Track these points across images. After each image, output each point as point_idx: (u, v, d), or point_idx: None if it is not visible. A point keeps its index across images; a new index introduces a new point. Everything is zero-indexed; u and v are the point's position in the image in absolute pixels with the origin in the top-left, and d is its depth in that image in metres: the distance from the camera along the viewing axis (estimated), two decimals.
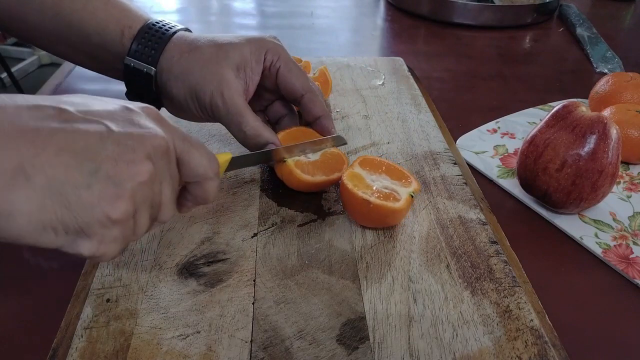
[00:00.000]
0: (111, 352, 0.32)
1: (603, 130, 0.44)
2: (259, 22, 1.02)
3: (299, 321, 0.35)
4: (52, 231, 0.26)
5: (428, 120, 0.59)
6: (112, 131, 0.27)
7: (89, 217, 0.26)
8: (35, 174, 0.24)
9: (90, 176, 0.26)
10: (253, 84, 0.44)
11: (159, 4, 1.08)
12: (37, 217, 0.25)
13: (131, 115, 0.29)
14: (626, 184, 0.54)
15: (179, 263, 0.39)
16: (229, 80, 0.42)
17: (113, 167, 0.26)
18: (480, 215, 0.45)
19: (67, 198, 0.25)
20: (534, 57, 0.89)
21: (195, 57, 0.42)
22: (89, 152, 0.26)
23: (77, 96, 0.29)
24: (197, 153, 0.32)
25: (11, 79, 2.22)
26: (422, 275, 0.39)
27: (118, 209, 0.27)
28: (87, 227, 0.26)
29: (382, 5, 1.10)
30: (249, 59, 0.43)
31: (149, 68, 0.43)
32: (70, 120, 0.26)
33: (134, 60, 0.43)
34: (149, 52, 0.42)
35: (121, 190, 0.27)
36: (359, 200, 0.40)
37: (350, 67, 0.71)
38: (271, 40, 0.45)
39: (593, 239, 0.46)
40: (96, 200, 0.26)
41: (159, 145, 0.29)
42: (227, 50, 0.43)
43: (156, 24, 0.44)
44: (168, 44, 0.43)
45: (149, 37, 0.43)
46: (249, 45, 0.43)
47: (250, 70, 0.43)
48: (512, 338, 0.34)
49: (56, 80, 0.71)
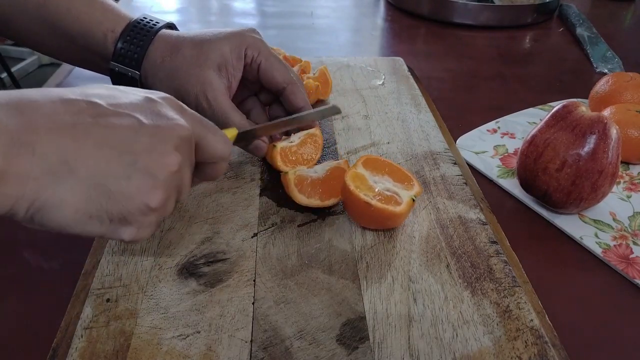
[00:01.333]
0: (111, 352, 0.32)
1: (603, 130, 0.44)
2: (259, 22, 1.02)
3: (299, 321, 0.35)
4: (97, 220, 0.28)
5: (428, 120, 0.59)
6: (144, 124, 0.29)
7: (131, 206, 0.28)
8: (79, 166, 0.26)
9: (129, 168, 0.27)
10: (235, 80, 0.45)
11: (158, 3, 1.08)
12: (83, 207, 0.27)
13: (155, 106, 0.30)
14: (626, 184, 0.54)
15: (179, 263, 0.39)
16: (211, 81, 0.43)
17: (148, 159, 0.28)
18: (480, 215, 0.45)
19: (110, 189, 0.27)
20: (534, 57, 0.89)
21: (178, 61, 0.43)
22: (125, 145, 0.28)
23: (101, 87, 0.30)
24: (213, 137, 0.34)
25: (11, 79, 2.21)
26: (422, 275, 0.39)
27: (156, 198, 0.29)
28: (129, 216, 0.28)
29: (382, 5, 1.10)
30: (229, 57, 0.44)
31: (133, 72, 0.44)
32: (102, 114, 0.28)
33: (118, 64, 0.43)
34: (132, 55, 0.43)
35: (157, 181, 0.29)
36: (361, 202, 0.40)
37: (350, 67, 0.71)
38: (250, 36, 0.45)
39: (593, 239, 0.46)
40: (136, 191, 0.28)
41: (185, 136, 0.31)
42: (207, 51, 0.43)
43: (138, 23, 0.44)
44: (150, 47, 0.43)
45: (130, 40, 0.43)
46: (229, 43, 0.44)
47: (232, 67, 0.44)
48: (512, 338, 0.34)
49: (56, 80, 0.71)
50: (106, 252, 0.40)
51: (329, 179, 0.44)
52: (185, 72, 0.43)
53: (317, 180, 0.44)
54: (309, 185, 0.44)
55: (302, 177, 0.44)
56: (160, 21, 0.46)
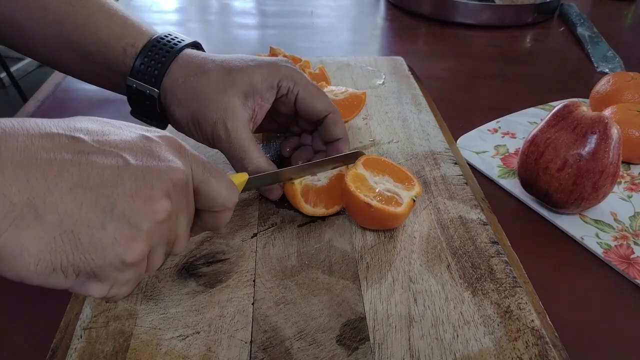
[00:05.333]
0: (110, 353, 0.32)
1: (604, 130, 0.44)
2: (259, 22, 1.01)
3: (298, 322, 0.35)
4: (61, 273, 0.24)
5: (428, 120, 0.59)
6: (130, 164, 0.25)
7: (102, 260, 0.24)
8: (47, 211, 0.23)
9: (105, 215, 0.24)
10: (262, 111, 0.42)
11: (158, 3, 1.07)
12: (46, 259, 0.23)
13: (150, 146, 0.27)
14: (627, 184, 0.54)
15: (178, 263, 0.39)
16: (234, 110, 0.40)
17: (129, 205, 0.25)
18: (481, 215, 0.45)
19: (80, 238, 0.24)
20: (534, 56, 0.89)
21: (201, 82, 0.40)
22: (104, 188, 0.24)
23: (92, 121, 0.27)
24: (216, 183, 0.31)
25: (10, 79, 2.21)
26: (423, 275, 0.39)
27: (133, 252, 0.25)
28: (99, 271, 0.25)
29: (383, 5, 1.10)
30: (260, 86, 0.41)
31: (151, 90, 0.41)
32: (85, 151, 0.24)
33: (136, 81, 0.41)
34: (152, 72, 0.40)
35: (137, 231, 0.25)
36: (361, 203, 0.39)
37: (350, 67, 0.71)
38: (285, 65, 0.43)
39: (594, 239, 0.46)
40: (110, 242, 0.24)
41: (178, 180, 0.27)
42: (235, 77, 0.40)
43: (161, 39, 0.41)
44: (173, 64, 0.40)
45: (152, 55, 0.40)
46: (261, 71, 0.41)
47: (260, 97, 0.41)
48: (513, 338, 0.34)
49: (55, 80, 0.71)
50: None
51: (332, 186, 0.44)
52: (207, 96, 0.40)
53: (322, 189, 0.44)
54: (314, 194, 0.43)
55: (307, 187, 0.43)
56: (185, 39, 0.43)
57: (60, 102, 0.67)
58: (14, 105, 2.04)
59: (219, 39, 0.93)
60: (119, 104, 0.62)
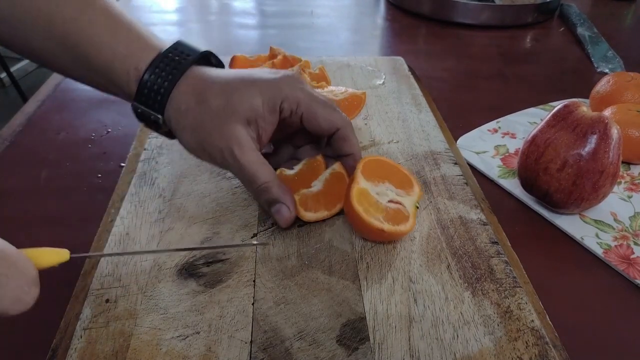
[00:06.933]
0: (110, 353, 0.32)
1: (604, 130, 0.44)
2: (259, 22, 1.01)
3: (299, 322, 0.35)
4: None
5: (428, 120, 0.59)
6: None
7: None
8: None
9: None
10: (267, 134, 0.42)
11: (158, 3, 1.07)
12: None
13: None
14: (627, 184, 0.54)
15: (178, 263, 0.39)
16: (238, 137, 0.39)
17: None
18: (481, 215, 0.45)
19: None
20: (534, 56, 0.89)
21: (203, 111, 0.39)
22: None
23: None
24: None
25: (10, 79, 2.22)
26: (423, 275, 0.39)
27: None
28: None
29: (383, 5, 1.10)
30: (261, 110, 0.40)
31: (155, 116, 0.40)
32: None
33: (140, 106, 0.40)
34: (154, 97, 0.39)
35: None
36: (374, 228, 0.39)
37: (350, 67, 0.71)
38: (287, 84, 0.41)
39: (594, 239, 0.46)
40: None
41: None
42: (235, 102, 0.39)
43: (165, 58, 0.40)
44: (174, 91, 0.40)
45: (155, 79, 0.39)
46: (261, 95, 0.40)
47: (263, 121, 0.40)
48: (513, 339, 0.34)
49: (55, 80, 0.71)
50: (106, 252, 0.40)
51: (329, 188, 0.44)
52: (210, 125, 0.39)
53: (319, 193, 0.43)
54: (312, 200, 0.43)
55: (304, 196, 0.43)
56: (192, 52, 0.41)
57: (60, 102, 0.67)
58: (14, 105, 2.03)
59: (219, 39, 0.93)
60: (119, 104, 0.62)
